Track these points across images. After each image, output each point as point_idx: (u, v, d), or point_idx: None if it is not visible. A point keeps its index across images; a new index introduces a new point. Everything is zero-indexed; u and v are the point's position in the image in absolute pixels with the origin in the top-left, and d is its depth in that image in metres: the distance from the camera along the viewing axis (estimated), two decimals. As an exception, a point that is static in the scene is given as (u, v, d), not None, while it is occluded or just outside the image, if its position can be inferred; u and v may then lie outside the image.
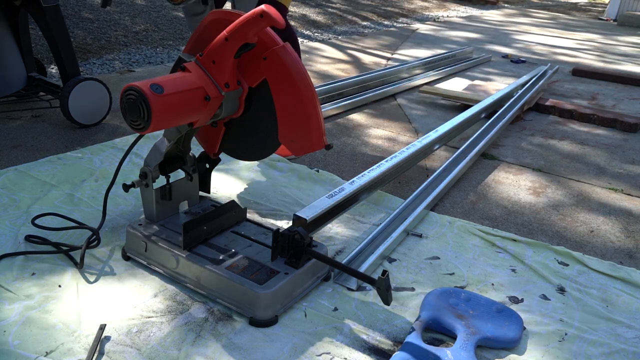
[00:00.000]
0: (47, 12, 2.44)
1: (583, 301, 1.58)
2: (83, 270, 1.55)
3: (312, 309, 1.46)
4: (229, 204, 1.66)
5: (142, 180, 1.57)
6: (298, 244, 1.47)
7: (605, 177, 2.56)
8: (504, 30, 7.27)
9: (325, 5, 7.60)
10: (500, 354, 1.36)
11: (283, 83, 1.41)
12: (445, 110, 3.42)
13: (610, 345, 1.41)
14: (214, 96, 1.41)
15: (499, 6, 10.67)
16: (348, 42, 5.48)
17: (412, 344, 1.32)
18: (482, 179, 2.43)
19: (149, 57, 4.17)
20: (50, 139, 2.45)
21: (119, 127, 2.66)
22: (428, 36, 6.28)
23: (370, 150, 2.65)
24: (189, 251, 1.50)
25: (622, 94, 4.21)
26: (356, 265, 1.63)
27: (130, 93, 1.31)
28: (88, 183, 2.05)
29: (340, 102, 3.29)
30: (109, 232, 1.74)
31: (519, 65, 5.03)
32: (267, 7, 1.32)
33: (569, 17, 9.85)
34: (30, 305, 1.39)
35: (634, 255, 1.89)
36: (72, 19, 4.77)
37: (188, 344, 1.31)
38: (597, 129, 3.28)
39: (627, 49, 6.55)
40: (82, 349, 1.26)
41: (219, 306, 1.44)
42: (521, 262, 1.76)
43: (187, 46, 1.55)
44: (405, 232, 1.84)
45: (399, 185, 2.27)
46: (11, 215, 1.79)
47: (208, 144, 1.66)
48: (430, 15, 8.24)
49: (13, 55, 2.59)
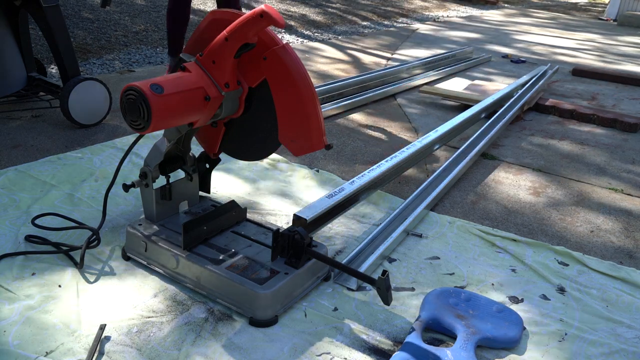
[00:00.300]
0: (47, 12, 2.43)
1: (583, 301, 1.58)
2: (83, 270, 1.55)
3: (312, 309, 1.46)
4: (229, 204, 1.66)
5: (142, 180, 1.57)
6: (298, 244, 1.47)
7: (605, 177, 2.55)
8: (504, 30, 7.27)
9: (325, 5, 7.60)
10: (500, 354, 1.36)
11: (283, 83, 1.41)
12: (445, 110, 3.42)
13: (610, 345, 1.41)
14: (214, 96, 1.41)
15: (499, 6, 10.67)
16: (348, 42, 5.48)
17: (412, 344, 1.32)
18: (482, 179, 2.43)
19: (149, 57, 4.17)
20: (50, 139, 2.45)
21: (119, 127, 2.66)
22: (428, 36, 6.28)
23: (370, 150, 2.65)
24: (189, 251, 1.50)
25: (622, 94, 4.21)
26: (356, 265, 1.63)
27: (130, 93, 1.31)
28: (88, 183, 2.05)
29: (340, 102, 3.28)
30: (109, 232, 1.74)
31: (519, 65, 5.03)
32: (267, 7, 1.32)
33: (569, 17, 9.85)
34: (30, 305, 1.39)
35: (634, 255, 1.89)
36: (72, 19, 4.77)
37: (188, 344, 1.31)
38: (597, 129, 3.28)
39: (627, 49, 6.55)
40: (82, 349, 1.26)
41: (219, 306, 1.44)
42: (521, 262, 1.76)
43: (187, 46, 1.55)
44: (405, 232, 1.84)
45: (399, 185, 2.27)
46: (11, 215, 1.79)
47: (208, 144, 1.66)
48: (430, 15, 8.24)
49: (13, 55, 2.59)
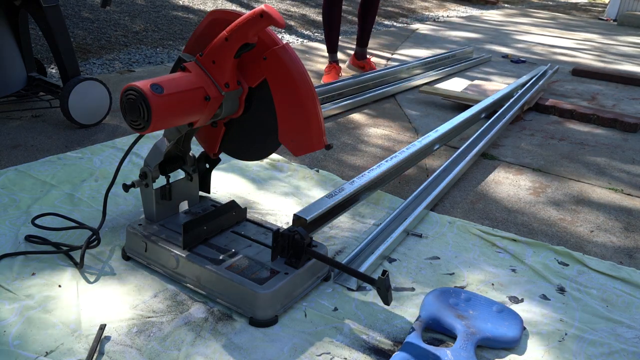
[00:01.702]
0: (47, 12, 2.43)
1: (583, 301, 1.58)
2: (83, 270, 1.55)
3: (312, 309, 1.46)
4: (229, 204, 1.66)
5: (142, 180, 1.57)
6: (298, 244, 1.47)
7: (605, 177, 2.55)
8: (504, 30, 7.27)
9: (325, 5, 7.58)
10: (500, 354, 1.36)
11: (283, 83, 1.41)
12: (445, 110, 3.42)
13: (610, 345, 1.41)
14: (214, 96, 1.41)
15: (499, 6, 10.67)
16: (348, 42, 5.48)
17: (412, 344, 1.32)
18: (482, 179, 2.43)
19: (149, 57, 4.17)
20: (50, 139, 2.45)
21: (119, 127, 2.66)
22: (428, 36, 6.28)
23: (370, 150, 2.65)
24: (189, 251, 1.50)
25: (622, 94, 4.21)
26: (356, 265, 1.63)
27: (130, 93, 1.31)
28: (88, 183, 2.05)
29: (340, 102, 3.28)
30: (109, 232, 1.74)
31: (519, 65, 5.03)
32: (267, 7, 1.32)
33: (569, 17, 9.85)
34: (30, 305, 1.39)
35: (634, 255, 1.89)
36: (72, 19, 4.77)
37: (188, 344, 1.31)
38: (597, 129, 3.28)
39: (627, 49, 6.55)
40: (82, 349, 1.26)
41: (219, 306, 1.44)
42: (521, 262, 1.76)
43: (187, 46, 1.55)
44: (405, 232, 1.84)
45: (399, 185, 2.27)
46: (11, 215, 1.79)
47: (208, 144, 1.66)
48: (430, 15, 8.23)
49: (13, 55, 2.59)
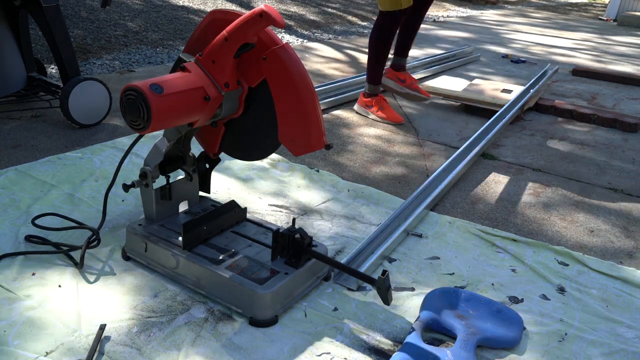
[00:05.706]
0: (47, 12, 2.43)
1: (583, 301, 1.58)
2: (83, 270, 1.55)
3: (312, 309, 1.46)
4: (229, 204, 1.66)
5: (142, 180, 1.57)
6: (298, 244, 1.47)
7: (605, 177, 2.56)
8: (503, 31, 7.27)
9: (324, 5, 7.59)
10: (500, 354, 1.36)
11: (283, 83, 1.41)
12: (445, 110, 3.42)
13: (610, 345, 1.41)
14: (213, 96, 1.41)
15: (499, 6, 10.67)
16: (347, 41, 5.48)
17: (412, 344, 1.32)
18: (482, 179, 2.43)
19: (149, 57, 4.17)
20: (50, 139, 2.45)
21: (119, 127, 2.66)
22: (427, 36, 6.28)
23: (370, 150, 2.65)
24: (189, 251, 1.50)
25: (622, 94, 4.21)
26: (356, 265, 1.63)
27: (130, 93, 1.31)
28: (88, 183, 2.05)
29: (340, 102, 3.29)
30: (109, 232, 1.74)
31: (519, 65, 5.03)
32: (267, 7, 1.32)
33: (569, 17, 9.85)
34: (30, 305, 1.39)
35: (634, 255, 1.89)
36: (72, 19, 4.77)
37: (188, 344, 1.31)
38: (597, 129, 3.28)
39: (627, 49, 6.55)
40: (82, 349, 1.26)
41: (219, 306, 1.44)
42: (521, 262, 1.76)
43: (186, 46, 1.55)
44: (405, 232, 1.84)
45: (399, 185, 2.27)
46: (11, 215, 1.79)
47: (208, 144, 1.66)
48: (430, 15, 8.23)
49: (13, 55, 2.59)
